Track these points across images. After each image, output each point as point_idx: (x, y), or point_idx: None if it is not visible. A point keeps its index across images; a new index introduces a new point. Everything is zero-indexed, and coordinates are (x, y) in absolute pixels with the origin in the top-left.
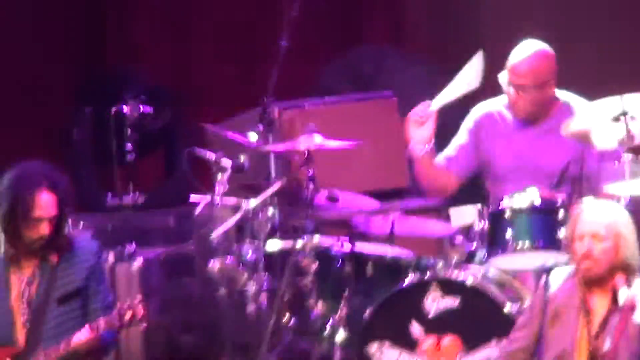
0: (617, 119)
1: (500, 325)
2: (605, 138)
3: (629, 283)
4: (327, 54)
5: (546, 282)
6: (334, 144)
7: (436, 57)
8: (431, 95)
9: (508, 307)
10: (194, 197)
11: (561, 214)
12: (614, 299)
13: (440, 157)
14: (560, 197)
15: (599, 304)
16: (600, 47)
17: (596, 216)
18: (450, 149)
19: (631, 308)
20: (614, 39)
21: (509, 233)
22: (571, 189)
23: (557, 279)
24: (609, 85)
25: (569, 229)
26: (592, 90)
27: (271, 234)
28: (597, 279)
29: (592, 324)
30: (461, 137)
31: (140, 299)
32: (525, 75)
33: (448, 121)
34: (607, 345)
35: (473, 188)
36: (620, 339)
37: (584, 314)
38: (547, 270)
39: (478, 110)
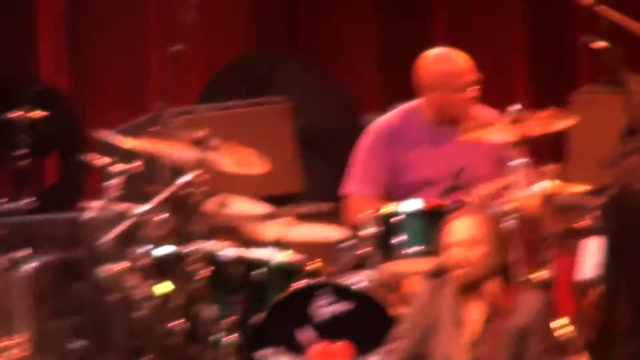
0: (512, 124)
1: (392, 330)
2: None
3: (501, 291)
4: (222, 58)
5: (423, 290)
6: (228, 149)
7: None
8: (324, 100)
9: (399, 312)
10: (86, 203)
11: None
12: (489, 307)
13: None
14: (450, 203)
15: (476, 312)
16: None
17: (469, 222)
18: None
19: (507, 313)
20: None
21: (400, 238)
22: (463, 195)
23: (433, 287)
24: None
25: (444, 236)
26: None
27: (162, 240)
28: (472, 286)
29: (470, 332)
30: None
31: None
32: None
33: None
34: (483, 356)
35: None
36: (497, 349)
37: (460, 324)
38: (437, 275)
39: (380, 126)
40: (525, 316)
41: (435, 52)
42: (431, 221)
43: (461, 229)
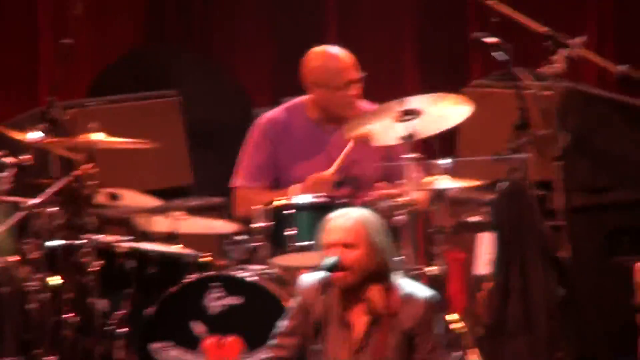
0: (399, 119)
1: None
2: (388, 137)
3: (384, 292)
4: (113, 52)
5: (304, 291)
6: (116, 142)
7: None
8: (216, 94)
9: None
10: None
11: None
12: (372, 310)
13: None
14: (341, 197)
15: (358, 316)
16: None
17: (344, 224)
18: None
19: (390, 315)
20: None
21: (291, 230)
22: (352, 188)
23: (312, 288)
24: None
25: (321, 238)
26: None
27: (53, 232)
28: (352, 289)
29: (354, 338)
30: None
31: None
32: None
33: None
34: (370, 359)
35: None
36: (383, 350)
37: (344, 328)
38: (327, 268)
39: (265, 120)
40: (412, 318)
41: (318, 50)
42: (321, 215)
43: (338, 229)
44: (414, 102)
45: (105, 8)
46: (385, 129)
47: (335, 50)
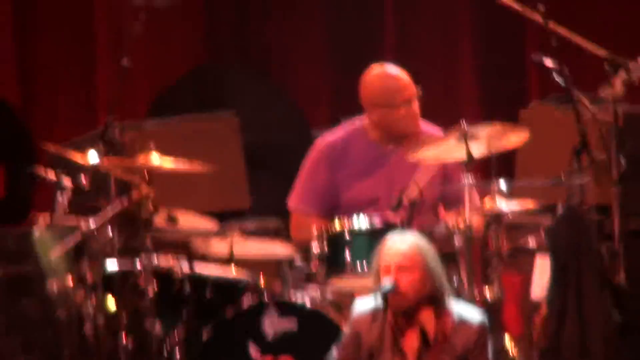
0: (459, 141)
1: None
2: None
3: (437, 316)
4: (172, 72)
5: (357, 318)
6: (173, 163)
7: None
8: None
9: (343, 329)
10: (34, 217)
11: None
12: (424, 336)
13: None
14: (399, 220)
15: (411, 342)
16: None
17: (400, 247)
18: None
19: (443, 340)
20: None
21: (347, 255)
22: (410, 212)
23: (366, 314)
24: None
25: (375, 261)
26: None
27: (110, 255)
28: (406, 314)
29: None
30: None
31: None
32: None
33: None
34: None
35: None
36: None
37: (397, 354)
38: (383, 292)
39: (324, 144)
40: (465, 342)
41: (375, 70)
42: (378, 239)
43: (394, 254)
44: (475, 128)
45: (163, 27)
46: (445, 151)
47: (392, 69)
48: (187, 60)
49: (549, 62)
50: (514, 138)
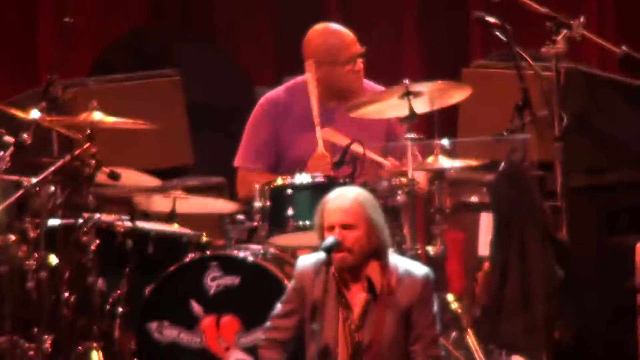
0: (401, 98)
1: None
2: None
3: (382, 270)
4: (114, 31)
5: (301, 273)
6: (116, 122)
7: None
8: (217, 74)
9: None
10: None
11: None
12: (370, 289)
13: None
14: (342, 176)
15: (356, 295)
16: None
17: (342, 204)
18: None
19: (388, 293)
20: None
21: (289, 211)
22: (353, 168)
23: (309, 269)
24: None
25: (318, 220)
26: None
27: (52, 211)
28: (351, 270)
29: (352, 317)
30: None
31: None
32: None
33: None
34: (367, 338)
35: None
36: (381, 329)
37: (342, 307)
38: (326, 250)
39: (266, 100)
40: (409, 295)
41: (319, 27)
42: (320, 195)
43: (336, 212)
44: (418, 85)
45: None
46: (388, 107)
47: (336, 26)
48: (130, 20)
49: (491, 19)
50: (457, 95)
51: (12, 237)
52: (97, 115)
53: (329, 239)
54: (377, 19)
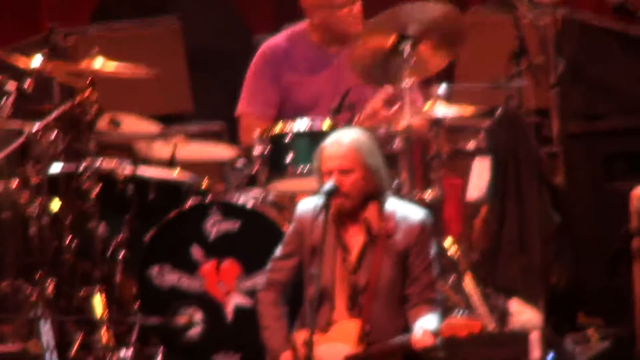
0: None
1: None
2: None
3: (380, 213)
4: None
5: (300, 216)
6: (116, 68)
7: None
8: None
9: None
10: None
11: None
12: (368, 231)
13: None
14: (340, 122)
15: (354, 238)
16: None
17: (339, 149)
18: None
19: (386, 236)
20: None
21: (289, 157)
22: (351, 115)
23: (309, 212)
24: None
25: (316, 165)
26: None
27: (54, 158)
28: (349, 213)
29: (350, 259)
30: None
31: None
32: None
33: None
34: (364, 280)
35: None
36: (378, 271)
37: (340, 249)
38: (325, 194)
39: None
40: (406, 238)
41: None
42: (319, 141)
43: (333, 157)
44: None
45: None
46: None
47: None
48: None
49: None
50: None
51: (15, 184)
52: (99, 62)
53: (328, 184)
54: None
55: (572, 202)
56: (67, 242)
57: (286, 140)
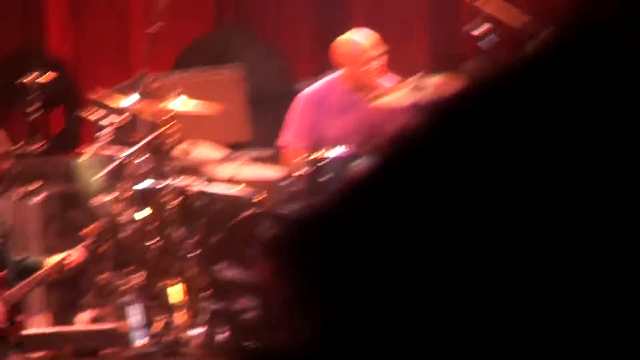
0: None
1: None
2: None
3: None
4: (188, 34)
5: None
6: (194, 105)
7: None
8: (268, 69)
9: None
10: (84, 147)
11: None
12: None
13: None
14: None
15: None
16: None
17: None
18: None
19: None
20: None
21: (325, 177)
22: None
23: None
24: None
25: None
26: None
27: (143, 176)
28: None
29: None
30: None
31: None
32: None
33: None
34: None
35: None
36: None
37: None
38: None
39: (309, 93)
40: None
41: (345, 36)
42: (351, 165)
43: None
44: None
45: (180, 2)
46: (402, 98)
47: (356, 36)
48: (199, 24)
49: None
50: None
51: (109, 197)
52: (180, 101)
53: None
54: (393, 21)
55: None
56: (153, 243)
57: (323, 164)
